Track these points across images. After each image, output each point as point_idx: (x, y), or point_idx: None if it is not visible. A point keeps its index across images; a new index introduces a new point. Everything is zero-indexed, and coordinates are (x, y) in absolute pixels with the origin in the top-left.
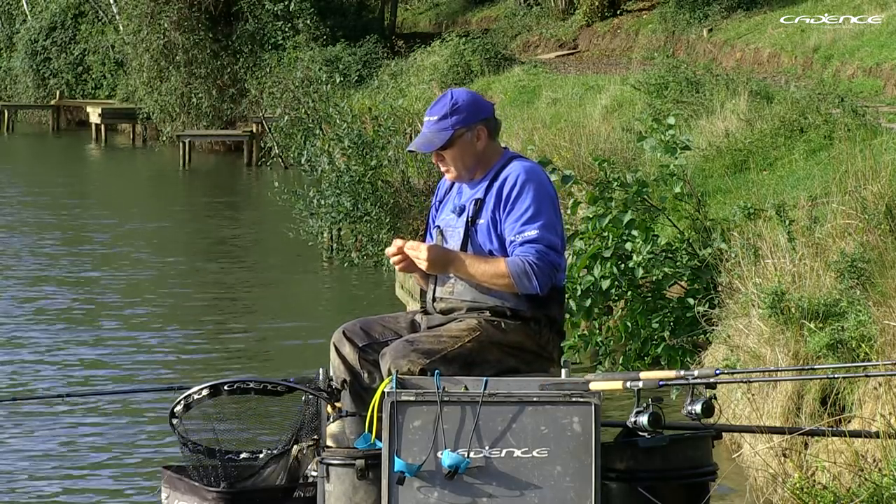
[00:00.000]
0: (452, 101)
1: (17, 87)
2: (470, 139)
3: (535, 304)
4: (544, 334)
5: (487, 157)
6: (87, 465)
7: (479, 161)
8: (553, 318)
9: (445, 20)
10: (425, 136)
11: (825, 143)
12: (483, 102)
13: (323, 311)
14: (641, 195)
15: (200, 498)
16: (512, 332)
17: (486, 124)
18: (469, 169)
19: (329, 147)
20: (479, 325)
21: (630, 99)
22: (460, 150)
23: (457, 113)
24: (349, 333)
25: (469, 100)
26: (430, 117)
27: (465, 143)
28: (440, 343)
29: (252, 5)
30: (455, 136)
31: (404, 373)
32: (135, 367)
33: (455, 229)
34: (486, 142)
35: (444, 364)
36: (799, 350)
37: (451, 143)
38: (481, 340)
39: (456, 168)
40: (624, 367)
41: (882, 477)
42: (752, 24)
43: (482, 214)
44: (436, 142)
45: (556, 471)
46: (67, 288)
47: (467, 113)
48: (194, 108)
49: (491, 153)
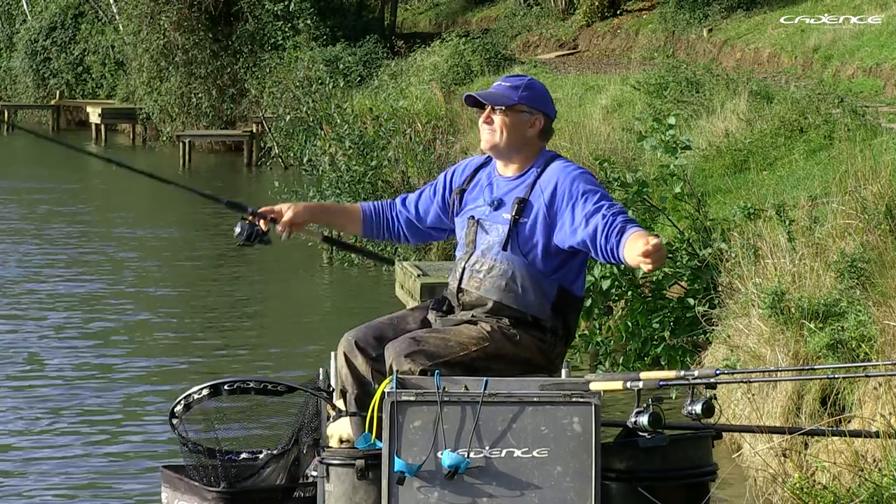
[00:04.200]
0: (530, 81)
1: (17, 87)
2: (527, 119)
3: (559, 314)
4: (557, 347)
5: (530, 150)
6: (87, 465)
7: (523, 147)
8: (569, 332)
9: (445, 20)
10: (493, 90)
11: (825, 143)
12: (553, 104)
13: (323, 311)
14: (642, 195)
15: (200, 498)
16: (524, 347)
17: (545, 119)
18: (511, 147)
19: (330, 147)
20: (489, 334)
21: (630, 99)
22: (514, 121)
23: (530, 91)
24: (362, 343)
25: (544, 91)
26: (504, 82)
27: (522, 120)
28: (446, 347)
29: (252, 5)
30: (516, 107)
31: (404, 372)
32: (135, 367)
33: (495, 224)
34: (538, 134)
35: (445, 368)
36: (799, 350)
37: (510, 110)
38: (488, 351)
39: (500, 137)
40: (624, 367)
41: (882, 477)
42: (752, 24)
43: (526, 214)
44: (500, 99)
45: (556, 471)
46: (67, 288)
47: (538, 97)
48: (194, 108)
49: (535, 148)
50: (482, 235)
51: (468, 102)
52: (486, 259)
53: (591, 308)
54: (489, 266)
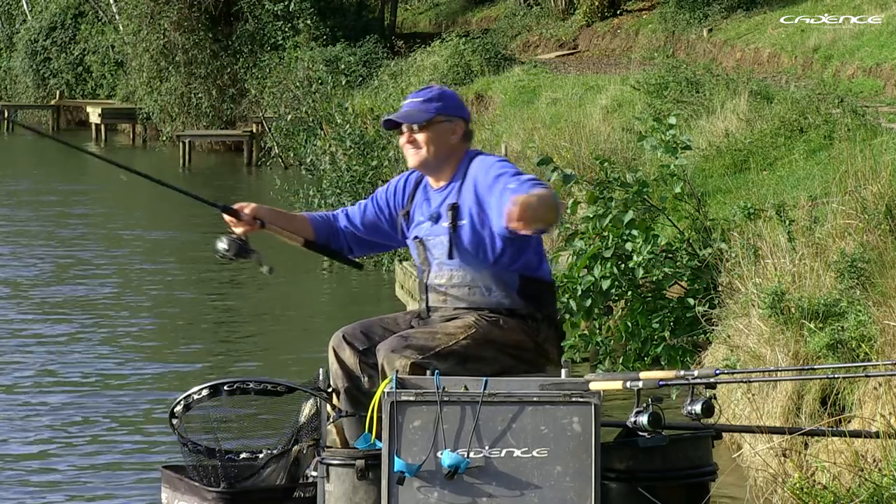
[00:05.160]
0: (440, 91)
1: (17, 87)
2: (448, 129)
3: (531, 300)
4: (542, 331)
5: (456, 157)
6: (87, 465)
7: (450, 156)
8: (550, 315)
9: (445, 20)
10: (407, 110)
11: (825, 143)
12: (466, 107)
13: (323, 312)
14: (642, 195)
15: (200, 498)
16: (510, 329)
17: (465, 124)
18: (439, 159)
19: (330, 147)
20: (475, 322)
21: (630, 99)
22: (436, 134)
23: (443, 101)
24: (349, 337)
25: (454, 95)
26: (415, 98)
27: (443, 131)
28: (434, 340)
29: (252, 5)
30: (435, 119)
31: (395, 367)
32: (134, 368)
33: (437, 237)
34: (460, 140)
35: (437, 360)
36: (799, 350)
37: (430, 124)
38: (476, 338)
39: (427, 152)
40: (624, 367)
41: (882, 477)
42: (752, 24)
43: (462, 216)
44: (417, 117)
45: (556, 471)
46: (66, 288)
47: (452, 104)
48: (194, 108)
49: (460, 153)
50: (431, 252)
51: (386, 127)
52: (442, 272)
53: (591, 308)
54: (447, 278)
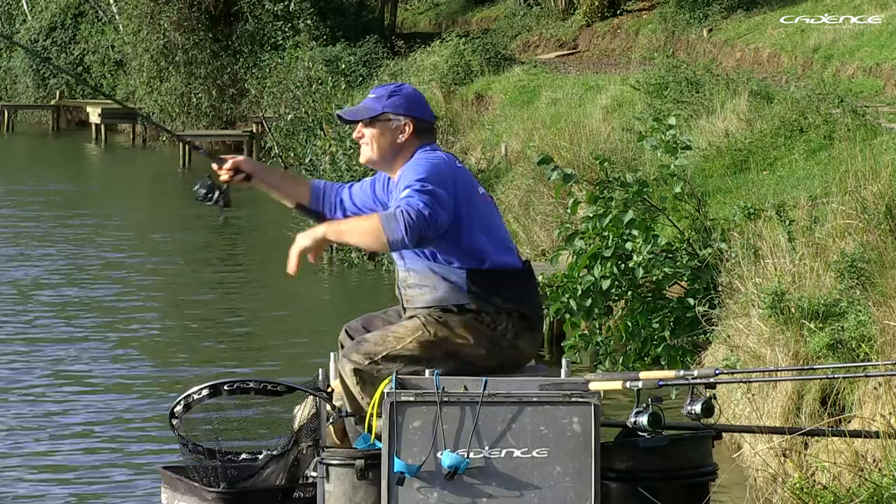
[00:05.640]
0: (396, 88)
1: (17, 87)
2: (393, 127)
3: (480, 294)
4: (500, 322)
5: (407, 155)
6: (87, 465)
7: (398, 155)
8: (506, 306)
9: (445, 20)
10: (357, 106)
11: (825, 143)
12: (424, 105)
13: (322, 311)
14: (642, 195)
15: (200, 498)
16: (459, 327)
17: (415, 122)
18: (384, 157)
19: (331, 147)
20: (422, 324)
21: (630, 99)
22: (380, 131)
23: (395, 97)
24: (350, 330)
25: (411, 94)
26: (372, 94)
27: (388, 129)
28: (384, 344)
29: (252, 5)
30: (381, 117)
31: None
32: (135, 367)
33: None
34: (410, 139)
35: (384, 364)
36: (799, 350)
37: (374, 122)
38: (422, 340)
39: (371, 149)
40: (624, 367)
41: (882, 477)
42: (752, 24)
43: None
44: (361, 113)
45: (556, 471)
46: (66, 289)
47: (403, 103)
48: (194, 109)
49: (410, 151)
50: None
51: (340, 120)
52: (402, 272)
53: (591, 308)
54: (403, 278)
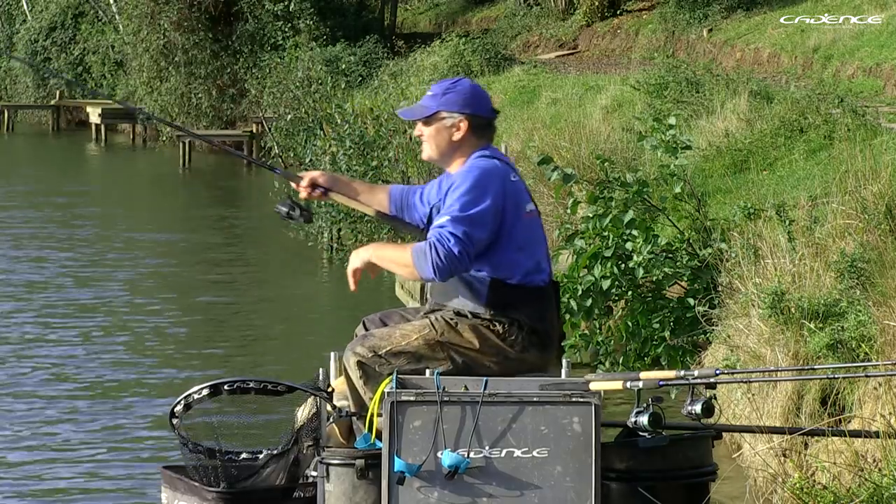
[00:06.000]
0: (451, 84)
1: (17, 87)
2: (449, 125)
3: (498, 306)
4: (511, 334)
5: (463, 154)
6: (87, 465)
7: (455, 153)
8: (521, 321)
9: (445, 20)
10: (415, 105)
11: (825, 143)
12: (481, 100)
13: (323, 311)
14: (642, 195)
15: (200, 498)
16: (466, 332)
17: (470, 119)
18: (442, 155)
19: (330, 147)
20: (430, 323)
21: (630, 99)
22: (436, 130)
23: (450, 94)
24: (368, 323)
25: (466, 90)
26: (429, 91)
27: (443, 127)
28: (389, 340)
29: (252, 5)
30: (436, 115)
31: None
32: (135, 367)
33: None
34: (466, 136)
35: (388, 359)
36: (799, 350)
37: (431, 120)
38: (428, 339)
39: (429, 147)
40: (624, 367)
41: (882, 477)
42: (752, 24)
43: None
44: (417, 112)
45: (556, 471)
46: (65, 288)
47: (458, 100)
48: (194, 109)
49: (468, 150)
50: None
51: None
52: None
53: (590, 308)
54: None
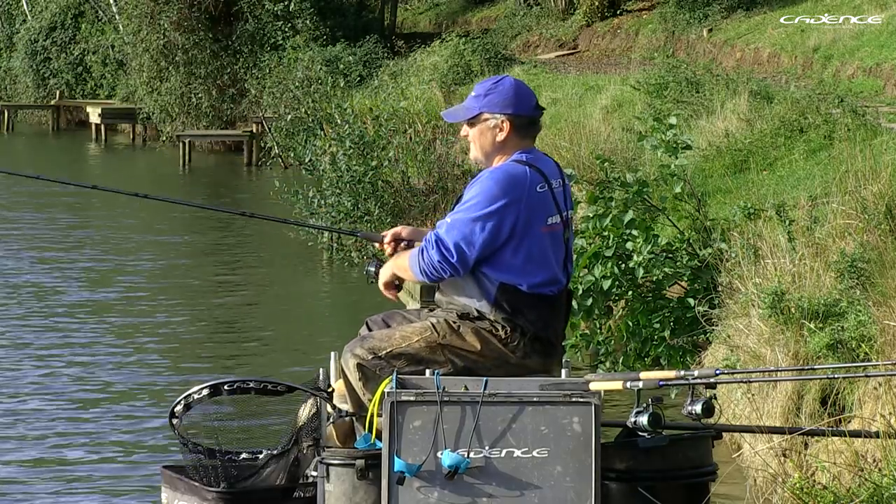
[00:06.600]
0: (493, 84)
1: (17, 87)
2: (492, 126)
3: (503, 310)
4: (514, 339)
5: (507, 154)
6: (88, 465)
7: (499, 153)
8: (522, 327)
9: (445, 20)
10: (458, 107)
11: (825, 143)
12: (523, 99)
13: (323, 311)
14: (642, 195)
15: (200, 498)
16: (468, 335)
17: (513, 119)
18: (487, 156)
19: (330, 147)
20: (432, 325)
21: (630, 99)
22: (480, 132)
23: (492, 95)
24: (371, 323)
25: (508, 90)
26: (472, 92)
27: (486, 129)
28: (389, 341)
29: (252, 5)
30: (479, 117)
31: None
32: (135, 367)
33: None
34: (509, 137)
35: (387, 361)
36: (799, 350)
37: (475, 122)
38: (430, 341)
39: (475, 148)
40: (624, 367)
41: (882, 477)
42: (752, 24)
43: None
44: (460, 114)
45: (556, 471)
46: (65, 289)
47: (499, 100)
48: (194, 108)
49: (512, 150)
50: None
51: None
52: None
53: (591, 308)
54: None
